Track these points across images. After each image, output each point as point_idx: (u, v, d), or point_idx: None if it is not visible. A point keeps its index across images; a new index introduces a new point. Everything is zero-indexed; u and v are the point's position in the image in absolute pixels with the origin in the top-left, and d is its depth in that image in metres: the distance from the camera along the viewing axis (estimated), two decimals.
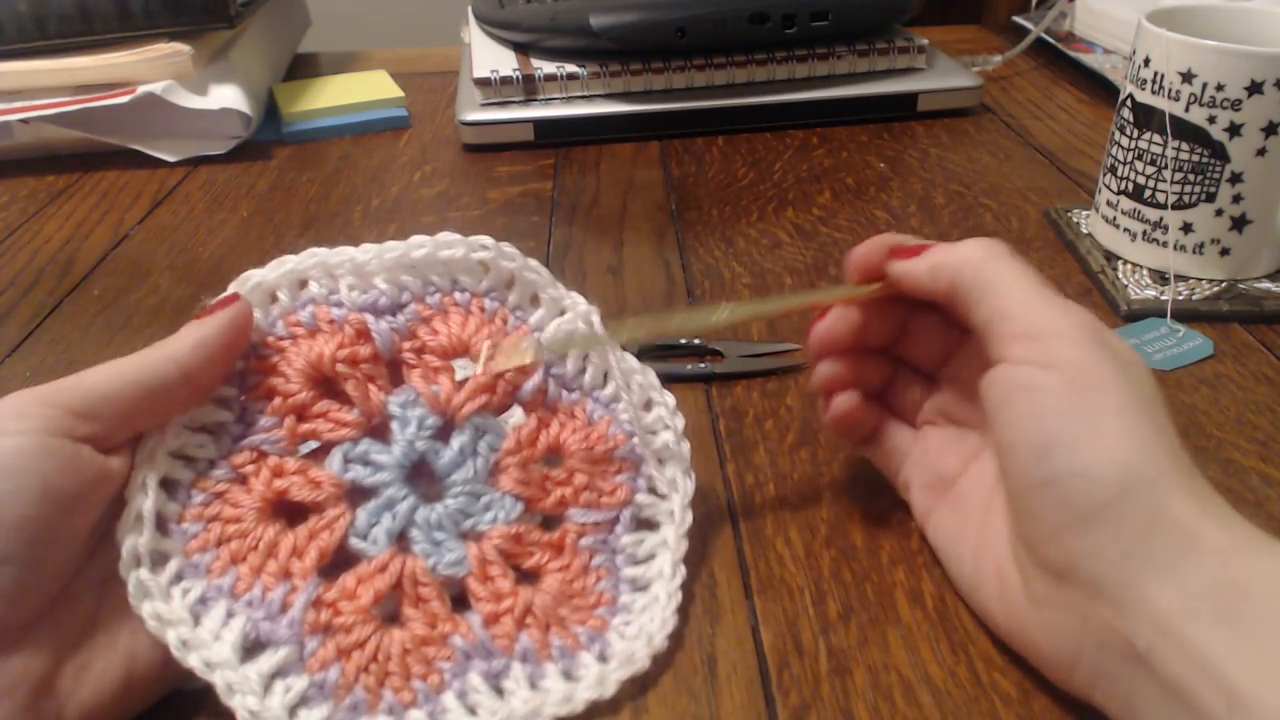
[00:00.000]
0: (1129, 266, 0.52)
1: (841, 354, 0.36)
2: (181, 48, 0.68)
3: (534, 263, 0.35)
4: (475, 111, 0.70)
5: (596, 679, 0.29)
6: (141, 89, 0.66)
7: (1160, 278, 0.50)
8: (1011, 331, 0.30)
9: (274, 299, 0.33)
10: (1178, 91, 0.47)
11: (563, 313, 0.35)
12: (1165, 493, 0.26)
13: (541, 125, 0.70)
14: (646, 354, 0.46)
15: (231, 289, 0.32)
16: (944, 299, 0.32)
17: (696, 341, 0.46)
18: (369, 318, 0.33)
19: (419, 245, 0.34)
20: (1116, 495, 0.26)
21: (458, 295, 0.34)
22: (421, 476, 0.33)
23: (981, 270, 0.31)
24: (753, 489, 0.38)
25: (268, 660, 0.28)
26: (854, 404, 0.36)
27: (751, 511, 0.37)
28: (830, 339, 0.35)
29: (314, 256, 0.33)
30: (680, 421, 0.35)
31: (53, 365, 0.47)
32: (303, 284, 0.33)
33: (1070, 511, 0.27)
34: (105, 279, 0.55)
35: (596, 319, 0.35)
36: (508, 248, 0.34)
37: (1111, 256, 0.53)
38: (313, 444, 0.32)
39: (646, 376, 0.36)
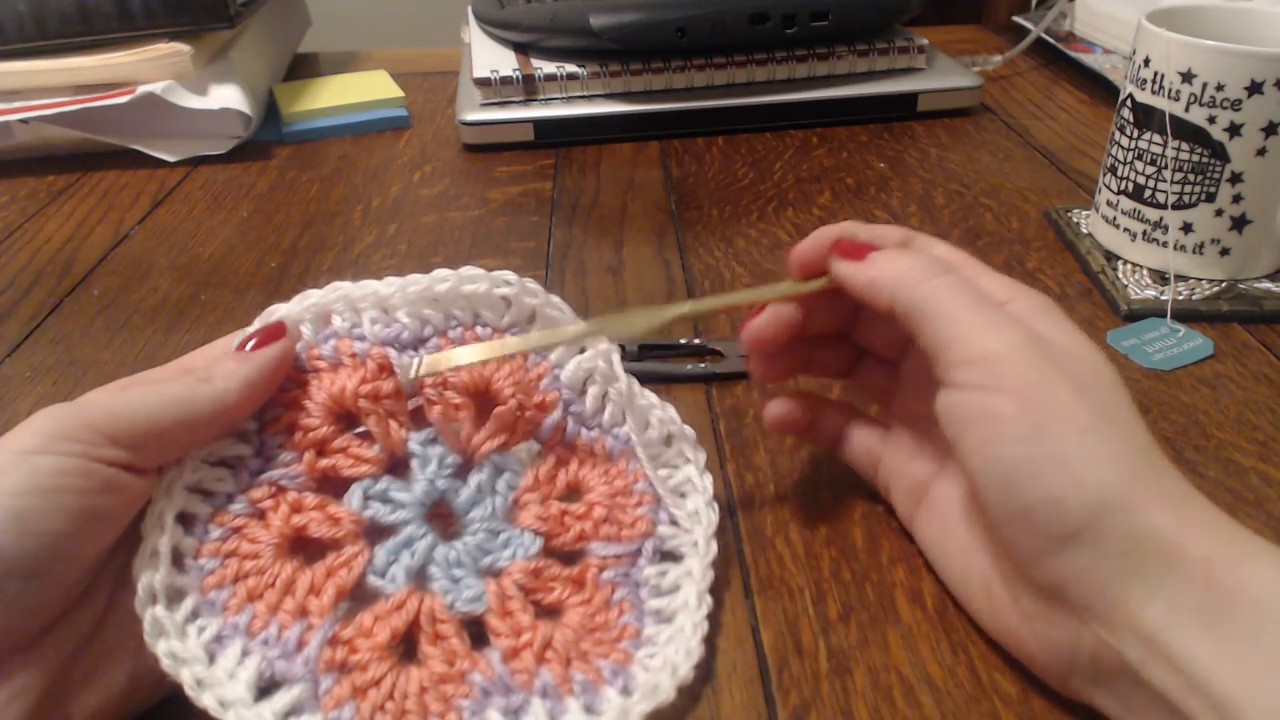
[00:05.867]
0: (1129, 266, 0.52)
1: (787, 347, 0.35)
2: (181, 48, 0.68)
3: (556, 299, 0.35)
4: (475, 111, 0.70)
5: (619, 713, 0.28)
6: (141, 89, 0.66)
7: (1160, 278, 0.50)
8: (955, 357, 0.29)
9: (298, 333, 0.33)
10: (1178, 91, 0.47)
11: (582, 349, 0.35)
12: (1140, 509, 0.25)
13: (541, 125, 0.70)
14: (647, 354, 0.46)
15: (257, 324, 0.32)
16: (885, 315, 0.31)
17: (697, 341, 0.47)
18: (391, 352, 0.33)
19: (443, 279, 0.34)
20: (1091, 518, 0.25)
21: (479, 329, 0.34)
22: (439, 514, 0.33)
23: (918, 293, 0.30)
24: (753, 489, 0.38)
25: (282, 699, 0.28)
26: (787, 410, 0.36)
27: (751, 511, 0.37)
28: (762, 338, 0.34)
29: (337, 290, 0.33)
30: (702, 456, 0.35)
31: (53, 365, 0.47)
32: (326, 318, 0.33)
33: (1047, 539, 0.26)
34: (105, 279, 0.55)
35: (616, 357, 0.35)
36: (530, 283, 0.34)
37: (1111, 256, 0.53)
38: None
39: (666, 411, 0.36)
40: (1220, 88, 0.45)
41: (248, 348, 0.31)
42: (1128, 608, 0.25)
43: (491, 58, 0.73)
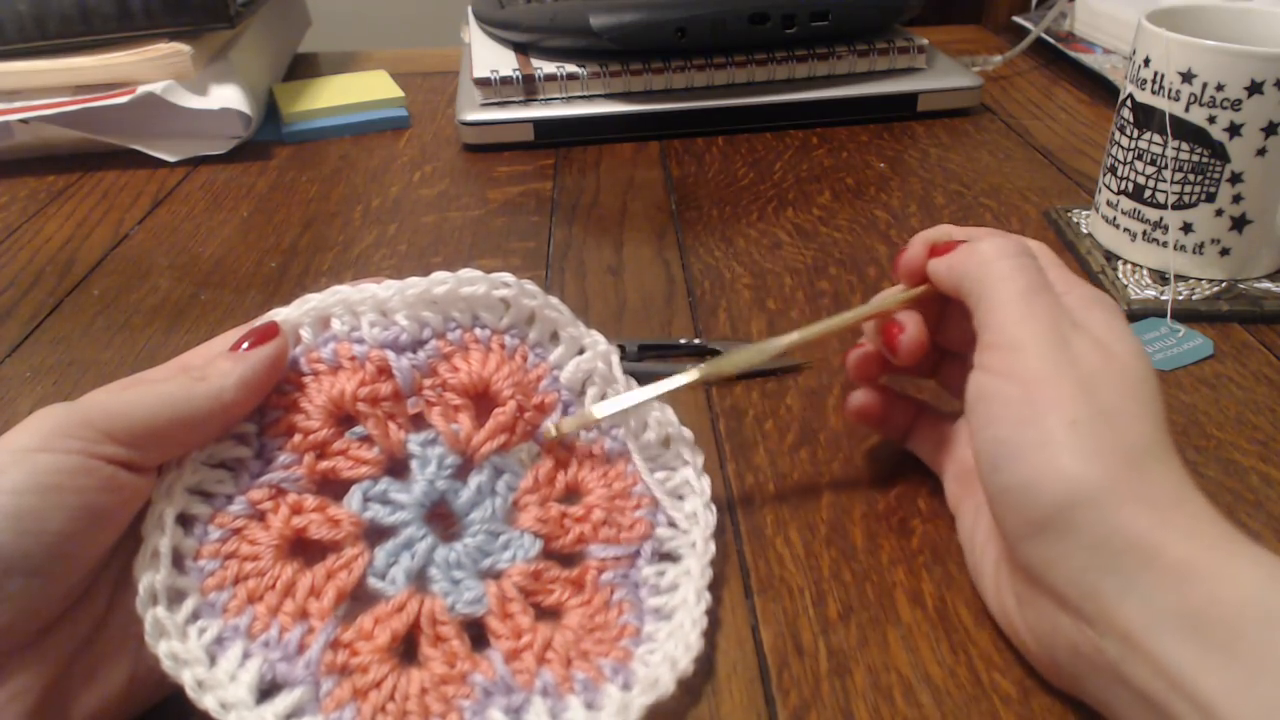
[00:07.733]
0: (1129, 266, 0.52)
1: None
2: (181, 48, 0.68)
3: (555, 300, 0.35)
4: (475, 111, 0.70)
5: (619, 706, 0.28)
6: (141, 89, 0.66)
7: (1160, 278, 0.50)
8: (986, 340, 0.30)
9: (297, 337, 0.33)
10: (1178, 91, 0.47)
11: (581, 350, 0.35)
12: (1114, 506, 0.26)
13: (541, 125, 0.70)
14: (646, 354, 0.46)
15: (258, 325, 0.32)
16: (959, 300, 0.33)
17: (697, 341, 0.47)
18: (390, 354, 0.33)
19: (441, 281, 0.34)
20: (1061, 508, 0.26)
21: (478, 332, 0.34)
22: (439, 515, 0.33)
23: (981, 274, 0.31)
24: (753, 489, 0.38)
25: (283, 701, 0.28)
26: (867, 401, 0.37)
27: (751, 511, 0.37)
28: (913, 350, 0.34)
29: (336, 294, 0.33)
30: (700, 458, 0.35)
31: (53, 365, 0.47)
32: (325, 321, 0.33)
33: (1023, 522, 0.27)
34: (105, 279, 0.55)
35: (615, 358, 0.35)
36: (529, 285, 0.35)
37: (1111, 256, 0.53)
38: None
39: (664, 413, 0.36)
40: (1220, 88, 0.45)
41: (243, 348, 0.31)
42: (1102, 602, 0.25)
43: (491, 58, 0.73)
